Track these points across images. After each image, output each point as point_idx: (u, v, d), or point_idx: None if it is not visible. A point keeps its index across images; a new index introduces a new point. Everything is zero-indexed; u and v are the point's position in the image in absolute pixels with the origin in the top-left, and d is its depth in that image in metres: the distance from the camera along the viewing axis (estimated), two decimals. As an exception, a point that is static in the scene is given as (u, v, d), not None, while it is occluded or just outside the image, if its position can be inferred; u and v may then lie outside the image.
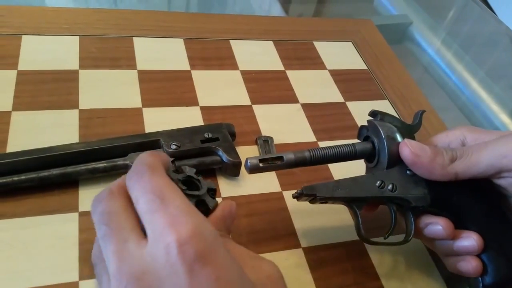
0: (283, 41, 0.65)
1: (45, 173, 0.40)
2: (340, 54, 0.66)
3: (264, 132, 0.51)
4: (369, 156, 0.39)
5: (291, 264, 0.41)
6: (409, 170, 0.37)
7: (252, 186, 0.46)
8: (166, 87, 0.53)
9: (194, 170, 0.35)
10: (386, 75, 0.65)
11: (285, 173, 0.47)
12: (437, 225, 0.36)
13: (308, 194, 0.36)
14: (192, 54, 0.59)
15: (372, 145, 0.39)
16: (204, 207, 0.33)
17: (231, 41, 0.62)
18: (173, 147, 0.43)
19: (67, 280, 0.35)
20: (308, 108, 0.56)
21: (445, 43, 1.01)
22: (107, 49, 0.56)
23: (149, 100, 0.51)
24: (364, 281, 0.41)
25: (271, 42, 0.64)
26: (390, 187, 0.36)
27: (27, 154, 0.40)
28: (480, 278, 0.36)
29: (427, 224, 0.37)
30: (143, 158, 0.29)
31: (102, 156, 0.42)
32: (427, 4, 1.10)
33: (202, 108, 0.52)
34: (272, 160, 0.36)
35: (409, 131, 0.39)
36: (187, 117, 0.51)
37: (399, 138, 0.38)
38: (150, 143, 0.44)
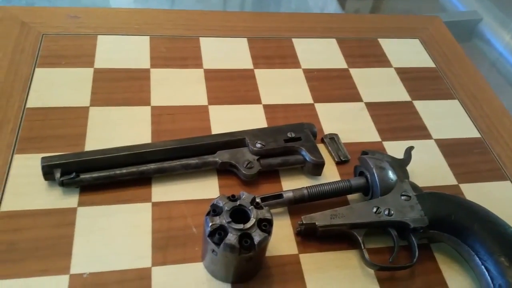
0: (347, 38, 0.64)
1: (144, 167, 0.42)
2: (407, 52, 0.64)
3: (327, 131, 0.51)
4: (364, 190, 0.43)
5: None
6: (403, 195, 0.40)
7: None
8: (230, 86, 0.55)
9: (252, 196, 0.35)
10: (456, 74, 0.62)
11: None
12: None
13: (308, 224, 0.39)
14: (255, 53, 0.60)
15: (366, 179, 0.42)
16: (249, 241, 0.33)
17: (293, 39, 0.62)
18: (258, 145, 0.45)
19: (141, 265, 0.37)
20: (372, 107, 0.55)
21: (517, 40, 0.95)
22: (176, 48, 0.58)
23: (215, 98, 0.53)
24: None
25: (334, 40, 0.64)
26: (386, 212, 0.39)
27: (127, 150, 0.43)
28: None
29: None
30: None
31: (192, 153, 0.44)
32: (498, -1, 1.03)
33: (265, 106, 0.53)
34: (272, 198, 0.41)
35: (400, 165, 0.43)
36: (251, 115, 0.52)
37: (387, 167, 0.41)
38: (237, 141, 0.45)
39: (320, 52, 0.62)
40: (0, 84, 0.50)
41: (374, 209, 0.39)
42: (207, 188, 0.44)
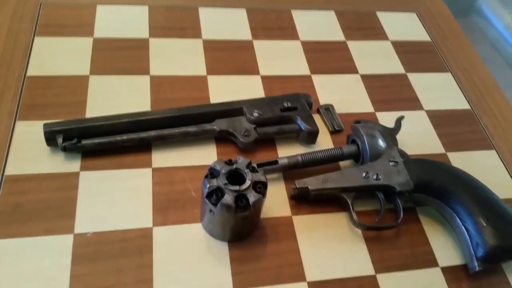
0: (345, 11, 0.65)
1: (143, 134, 0.44)
2: (404, 25, 0.65)
3: (322, 102, 0.52)
4: (355, 156, 0.44)
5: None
6: (391, 161, 0.42)
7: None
8: (229, 56, 0.55)
9: (248, 161, 0.37)
10: (450, 48, 0.63)
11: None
12: None
13: (301, 188, 0.41)
14: (254, 24, 0.60)
15: (357, 147, 0.44)
16: (245, 201, 0.35)
17: (293, 11, 0.63)
18: (255, 114, 0.46)
19: (142, 225, 0.39)
20: (368, 79, 0.56)
21: (516, 17, 0.95)
22: (174, 18, 0.58)
23: (213, 68, 0.54)
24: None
25: (332, 12, 0.64)
26: (374, 176, 0.41)
27: (128, 117, 0.44)
28: (473, 252, 0.38)
29: None
30: None
31: (191, 121, 0.45)
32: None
33: (263, 77, 0.54)
34: (268, 164, 0.42)
35: (390, 133, 0.44)
36: (248, 86, 0.53)
37: (377, 135, 0.43)
38: (234, 110, 0.47)
39: (319, 24, 0.62)
40: (0, 52, 0.50)
41: (364, 174, 0.41)
42: (206, 155, 0.45)
